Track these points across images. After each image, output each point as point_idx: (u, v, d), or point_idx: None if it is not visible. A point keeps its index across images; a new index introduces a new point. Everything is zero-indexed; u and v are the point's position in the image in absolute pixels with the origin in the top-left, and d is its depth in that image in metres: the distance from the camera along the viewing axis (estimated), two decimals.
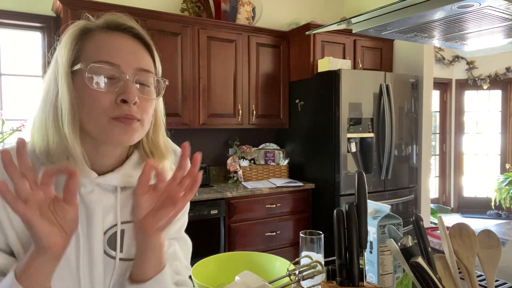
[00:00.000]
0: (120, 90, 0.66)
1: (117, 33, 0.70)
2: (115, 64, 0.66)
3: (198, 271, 1.00)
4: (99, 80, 0.65)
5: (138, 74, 0.68)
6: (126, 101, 0.65)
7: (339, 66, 3.09)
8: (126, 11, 2.39)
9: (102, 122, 0.66)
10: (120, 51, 0.68)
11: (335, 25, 1.25)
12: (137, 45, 0.71)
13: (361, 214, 0.82)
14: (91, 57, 0.66)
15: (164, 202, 0.67)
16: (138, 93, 0.67)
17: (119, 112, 0.65)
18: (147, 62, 0.71)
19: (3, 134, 2.56)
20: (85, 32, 0.70)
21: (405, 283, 0.87)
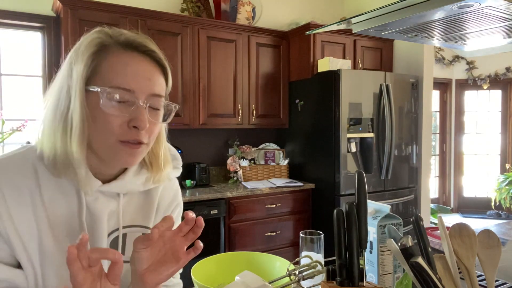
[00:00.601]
0: (132, 115, 0.67)
1: (135, 54, 0.69)
2: (130, 90, 0.67)
3: (198, 271, 1.00)
4: (113, 103, 0.66)
5: (151, 99, 0.69)
6: (137, 127, 0.67)
7: (339, 66, 3.09)
8: (126, 11, 2.42)
9: (110, 144, 0.67)
10: (137, 77, 0.67)
11: (335, 25, 1.25)
12: (154, 69, 0.70)
13: (361, 214, 0.82)
14: (108, 79, 0.66)
15: (167, 257, 0.68)
16: (149, 118, 0.68)
17: (128, 136, 0.67)
18: (160, 86, 0.71)
19: (3, 134, 2.56)
20: (103, 47, 0.68)
21: (405, 283, 0.87)
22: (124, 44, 0.68)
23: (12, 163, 0.69)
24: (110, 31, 0.70)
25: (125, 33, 0.70)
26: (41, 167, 0.69)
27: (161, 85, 0.71)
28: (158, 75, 0.71)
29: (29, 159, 0.70)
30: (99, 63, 0.67)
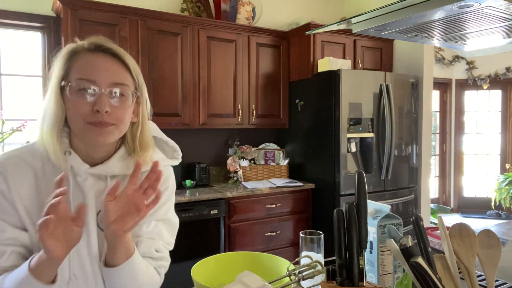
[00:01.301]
0: (95, 102, 0.81)
1: (98, 53, 0.85)
2: (92, 80, 0.81)
3: (198, 271, 1.00)
4: (79, 93, 0.81)
5: (112, 87, 0.83)
6: (99, 111, 0.81)
7: (339, 66, 3.09)
8: (126, 11, 2.42)
9: (81, 126, 0.82)
10: (98, 70, 0.82)
11: (335, 25, 1.25)
12: (114, 63, 0.85)
13: (361, 214, 0.82)
14: (76, 75, 0.82)
15: (130, 209, 0.79)
16: (110, 104, 0.82)
17: (93, 119, 0.81)
18: (121, 76, 0.85)
19: (3, 134, 2.56)
20: (73, 54, 0.85)
21: (405, 283, 0.87)
22: (89, 48, 0.85)
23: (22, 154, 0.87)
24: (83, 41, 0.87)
25: (89, 38, 0.87)
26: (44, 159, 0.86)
27: (122, 75, 0.85)
28: (119, 67, 0.85)
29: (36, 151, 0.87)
30: (70, 65, 0.83)
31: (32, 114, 2.82)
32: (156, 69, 2.82)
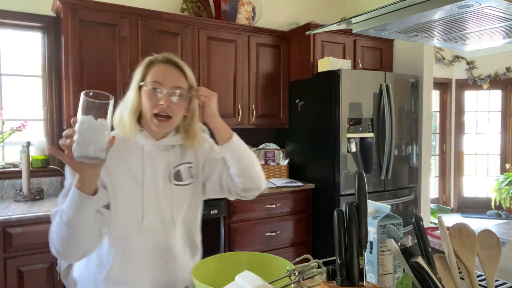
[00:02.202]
0: (160, 98, 1.14)
1: (167, 64, 1.19)
2: (161, 83, 1.15)
3: (198, 271, 1.00)
4: (151, 90, 1.15)
5: (173, 89, 1.16)
6: (162, 104, 1.13)
7: (339, 66, 3.09)
8: (126, 11, 2.43)
9: (148, 115, 1.15)
10: (165, 76, 1.16)
11: (335, 25, 1.25)
12: (176, 72, 1.19)
13: (361, 214, 0.82)
14: (150, 78, 1.16)
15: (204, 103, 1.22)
16: (170, 101, 1.14)
17: (158, 110, 1.14)
18: (181, 81, 1.18)
19: (3, 134, 2.56)
20: (150, 63, 1.19)
21: (405, 283, 0.87)
22: (162, 60, 1.19)
23: None
24: (158, 54, 1.20)
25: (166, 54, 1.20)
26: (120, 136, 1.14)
27: (181, 81, 1.19)
28: (179, 75, 1.19)
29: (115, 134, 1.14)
30: (147, 71, 1.17)
31: (32, 114, 2.82)
32: None
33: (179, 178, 1.23)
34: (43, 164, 2.77)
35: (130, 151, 1.18)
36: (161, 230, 1.18)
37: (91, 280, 1.17)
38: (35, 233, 2.18)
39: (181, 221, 1.23)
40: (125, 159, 1.16)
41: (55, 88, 2.83)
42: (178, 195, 1.22)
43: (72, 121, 0.85)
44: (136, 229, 1.15)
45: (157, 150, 1.20)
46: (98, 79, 2.64)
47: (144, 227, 1.15)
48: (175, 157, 1.24)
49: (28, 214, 2.17)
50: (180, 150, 1.26)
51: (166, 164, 1.21)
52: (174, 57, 1.20)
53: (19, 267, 2.15)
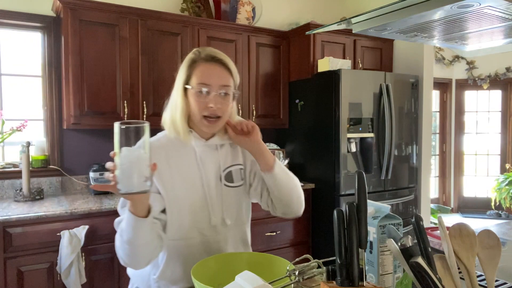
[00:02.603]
0: (209, 100, 1.12)
1: (212, 63, 1.14)
2: (208, 84, 1.12)
3: (198, 271, 1.00)
4: (199, 93, 1.12)
5: (221, 88, 1.14)
6: (212, 107, 1.12)
7: (339, 66, 3.09)
8: (126, 11, 2.43)
9: (198, 118, 1.14)
10: (212, 76, 1.13)
11: (335, 25, 1.25)
12: (222, 70, 1.15)
13: (361, 214, 0.82)
14: (196, 80, 1.13)
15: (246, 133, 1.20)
16: (219, 101, 1.13)
17: (207, 112, 1.13)
18: (227, 80, 1.15)
19: (3, 134, 2.56)
20: (193, 62, 1.16)
21: (405, 283, 0.87)
22: (207, 58, 1.15)
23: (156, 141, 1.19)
24: (200, 51, 1.17)
25: (208, 51, 1.16)
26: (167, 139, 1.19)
27: (228, 79, 1.16)
28: (225, 73, 1.15)
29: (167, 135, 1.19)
30: (191, 71, 1.15)
31: (32, 114, 2.82)
32: (156, 69, 2.82)
33: (230, 179, 1.23)
34: (43, 164, 2.77)
35: (182, 153, 1.18)
36: (213, 231, 1.19)
37: (144, 279, 1.20)
38: (35, 233, 2.18)
39: (233, 222, 1.24)
40: (177, 161, 1.17)
41: (55, 88, 2.83)
42: (229, 196, 1.23)
43: (111, 154, 0.86)
44: (189, 230, 1.16)
45: (207, 151, 1.21)
46: (98, 79, 2.64)
47: (197, 228, 1.17)
48: (226, 157, 1.24)
49: (28, 214, 2.17)
50: (230, 151, 1.26)
51: (217, 164, 1.22)
52: (217, 53, 1.16)
53: (19, 267, 2.15)
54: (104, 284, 2.38)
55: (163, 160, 1.14)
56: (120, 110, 2.72)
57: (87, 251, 2.30)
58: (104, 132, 2.98)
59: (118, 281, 2.41)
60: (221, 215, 1.20)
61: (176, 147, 1.18)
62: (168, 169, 1.15)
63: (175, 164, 1.16)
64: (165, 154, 1.15)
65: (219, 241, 1.21)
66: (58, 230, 2.21)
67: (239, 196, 1.26)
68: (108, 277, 2.39)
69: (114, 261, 2.39)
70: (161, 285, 1.17)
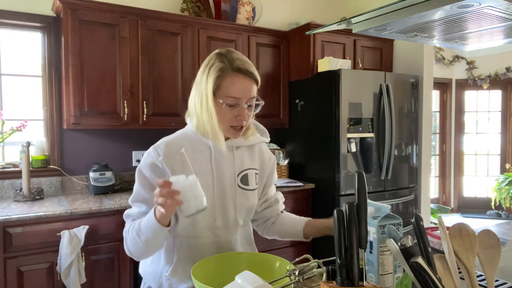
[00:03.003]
0: (238, 112, 1.15)
1: (240, 75, 1.14)
2: (237, 98, 1.13)
3: (198, 271, 1.00)
4: (227, 106, 1.14)
5: (249, 101, 1.16)
6: (241, 119, 1.15)
7: (339, 66, 3.09)
8: (126, 11, 2.43)
9: (225, 127, 1.17)
10: (241, 89, 1.14)
11: (335, 25, 1.25)
12: (251, 82, 1.16)
13: (361, 214, 0.82)
14: (226, 92, 1.13)
15: None
16: (246, 113, 1.16)
17: (235, 123, 1.17)
18: (254, 92, 1.17)
19: (3, 134, 2.56)
20: (222, 72, 1.13)
21: (405, 283, 0.87)
22: (235, 69, 1.13)
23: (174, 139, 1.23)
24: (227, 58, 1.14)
25: (235, 61, 1.14)
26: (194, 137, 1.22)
27: (254, 89, 1.17)
28: (253, 85, 1.16)
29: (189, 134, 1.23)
30: (220, 82, 1.13)
31: (32, 114, 2.82)
32: (156, 69, 2.82)
33: (246, 182, 1.26)
34: (43, 164, 2.77)
35: (198, 152, 1.20)
36: (225, 231, 1.22)
37: (156, 278, 1.23)
38: (35, 233, 2.18)
39: (244, 224, 1.28)
40: (198, 158, 1.19)
41: (55, 88, 2.83)
42: (242, 198, 1.25)
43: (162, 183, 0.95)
44: (203, 229, 1.19)
45: (224, 151, 1.22)
46: (98, 79, 2.64)
47: (210, 227, 1.20)
48: (242, 159, 1.27)
49: (28, 214, 2.17)
50: (247, 154, 1.29)
51: (232, 166, 1.24)
52: (244, 64, 1.15)
53: (19, 267, 2.15)
54: (104, 284, 2.38)
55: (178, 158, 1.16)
56: (120, 110, 2.72)
57: (87, 251, 2.30)
58: (104, 132, 2.98)
59: (118, 281, 2.41)
60: (235, 216, 1.23)
61: (193, 145, 1.20)
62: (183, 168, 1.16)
63: (194, 162, 1.17)
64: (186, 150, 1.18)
65: (230, 241, 1.24)
66: (58, 230, 2.21)
67: (251, 199, 1.28)
68: (108, 277, 2.39)
69: (114, 261, 2.39)
70: (172, 282, 1.19)
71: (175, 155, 1.14)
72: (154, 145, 1.21)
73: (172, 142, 1.20)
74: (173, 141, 1.21)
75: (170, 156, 1.16)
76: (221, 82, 1.13)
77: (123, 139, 3.03)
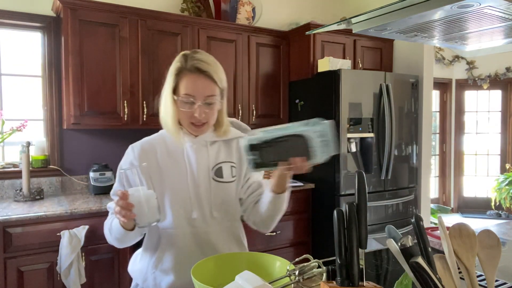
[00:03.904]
0: (194, 110, 1.18)
1: (196, 74, 1.17)
2: (191, 95, 1.17)
3: (198, 271, 1.00)
4: (185, 103, 1.18)
5: (206, 99, 1.18)
6: (197, 116, 1.18)
7: (339, 66, 3.09)
8: (126, 11, 2.43)
9: (186, 123, 1.22)
10: (196, 88, 1.17)
11: (335, 25, 1.25)
12: (207, 81, 1.18)
13: (361, 214, 0.82)
14: (181, 90, 1.18)
15: None
16: (204, 110, 1.18)
17: (194, 120, 1.20)
18: (212, 90, 1.19)
19: (3, 134, 2.56)
20: (180, 71, 1.19)
21: (405, 283, 0.87)
22: (190, 68, 1.17)
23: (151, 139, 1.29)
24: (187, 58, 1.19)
25: (193, 60, 1.18)
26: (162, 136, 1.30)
27: (213, 88, 1.19)
28: (210, 83, 1.19)
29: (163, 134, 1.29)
30: (178, 81, 1.19)
31: (32, 114, 2.82)
32: (156, 69, 2.82)
33: (220, 175, 1.28)
34: (43, 164, 2.77)
35: (172, 150, 1.26)
36: (202, 223, 1.24)
37: (142, 273, 1.26)
38: (35, 233, 2.18)
39: (222, 217, 1.28)
40: (167, 158, 1.25)
41: (55, 88, 2.83)
42: (218, 191, 1.27)
43: (121, 195, 1.02)
44: (181, 221, 1.22)
45: (198, 147, 1.26)
46: (98, 79, 2.64)
47: (188, 219, 1.23)
48: (217, 153, 1.30)
49: (28, 214, 2.17)
50: (223, 148, 1.32)
51: (206, 160, 1.27)
52: (201, 63, 1.18)
53: (19, 267, 2.15)
54: (104, 284, 2.38)
55: (153, 157, 1.24)
56: (120, 110, 2.72)
57: (87, 251, 2.30)
58: (104, 132, 2.98)
59: (118, 281, 2.41)
60: (210, 208, 1.25)
61: (168, 144, 1.27)
62: (158, 166, 1.24)
63: (166, 161, 1.24)
64: (156, 152, 1.25)
65: (208, 232, 1.25)
66: (58, 230, 2.22)
67: (229, 192, 1.29)
68: (108, 277, 2.39)
69: (114, 261, 2.40)
70: (156, 276, 1.23)
71: (149, 155, 1.24)
72: (132, 144, 1.29)
73: (147, 142, 1.28)
74: (149, 141, 1.28)
75: (142, 157, 1.23)
76: (178, 80, 1.19)
77: (123, 139, 3.03)
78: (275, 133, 1.03)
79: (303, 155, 1.03)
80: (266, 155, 1.05)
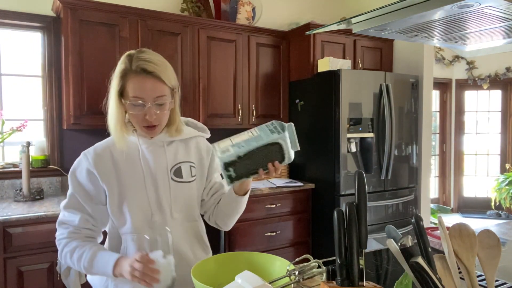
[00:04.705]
0: (145, 112, 1.14)
1: (143, 75, 1.12)
2: (141, 97, 1.13)
3: (198, 271, 1.00)
4: (134, 106, 1.14)
5: (156, 100, 1.14)
6: (148, 119, 1.14)
7: (339, 66, 3.09)
8: (126, 11, 2.44)
9: (137, 126, 1.19)
10: (142, 89, 1.13)
11: (335, 25, 1.25)
12: (155, 81, 1.13)
13: (361, 214, 0.82)
14: (129, 93, 1.13)
15: None
16: (155, 112, 1.14)
17: (145, 123, 1.16)
18: (161, 91, 1.14)
19: (3, 134, 2.56)
20: (125, 74, 1.14)
21: (405, 283, 0.87)
22: (136, 70, 1.12)
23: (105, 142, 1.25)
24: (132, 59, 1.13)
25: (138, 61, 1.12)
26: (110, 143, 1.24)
27: (162, 88, 1.15)
28: (158, 84, 1.14)
29: None
30: (124, 83, 1.14)
31: (32, 114, 2.82)
32: None
33: (179, 175, 1.26)
34: (43, 164, 2.77)
35: (127, 153, 1.22)
36: (164, 225, 1.21)
37: (103, 279, 1.22)
38: (35, 233, 2.18)
39: (183, 217, 1.26)
40: (123, 162, 1.21)
41: (55, 88, 2.83)
42: (177, 191, 1.25)
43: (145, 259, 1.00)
44: (141, 225, 1.20)
45: (154, 148, 1.24)
46: (98, 79, 2.64)
47: (148, 222, 1.21)
48: (175, 154, 1.27)
49: (28, 214, 2.17)
50: (181, 148, 1.29)
51: (164, 160, 1.24)
52: (147, 64, 1.12)
53: (19, 267, 2.15)
54: None
55: (109, 162, 1.21)
56: None
57: None
58: (104, 132, 2.97)
59: None
60: (170, 209, 1.23)
61: (128, 146, 1.23)
62: (114, 170, 1.20)
63: (121, 164, 1.21)
64: (112, 156, 1.21)
65: None
66: None
67: (189, 191, 1.28)
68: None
69: None
70: (118, 283, 1.18)
71: (104, 160, 1.20)
72: (84, 151, 1.23)
73: (101, 147, 1.24)
74: (103, 145, 1.24)
75: (97, 161, 1.19)
76: (124, 83, 1.14)
77: None
78: (248, 147, 1.06)
79: (278, 159, 1.10)
80: (242, 168, 1.08)
